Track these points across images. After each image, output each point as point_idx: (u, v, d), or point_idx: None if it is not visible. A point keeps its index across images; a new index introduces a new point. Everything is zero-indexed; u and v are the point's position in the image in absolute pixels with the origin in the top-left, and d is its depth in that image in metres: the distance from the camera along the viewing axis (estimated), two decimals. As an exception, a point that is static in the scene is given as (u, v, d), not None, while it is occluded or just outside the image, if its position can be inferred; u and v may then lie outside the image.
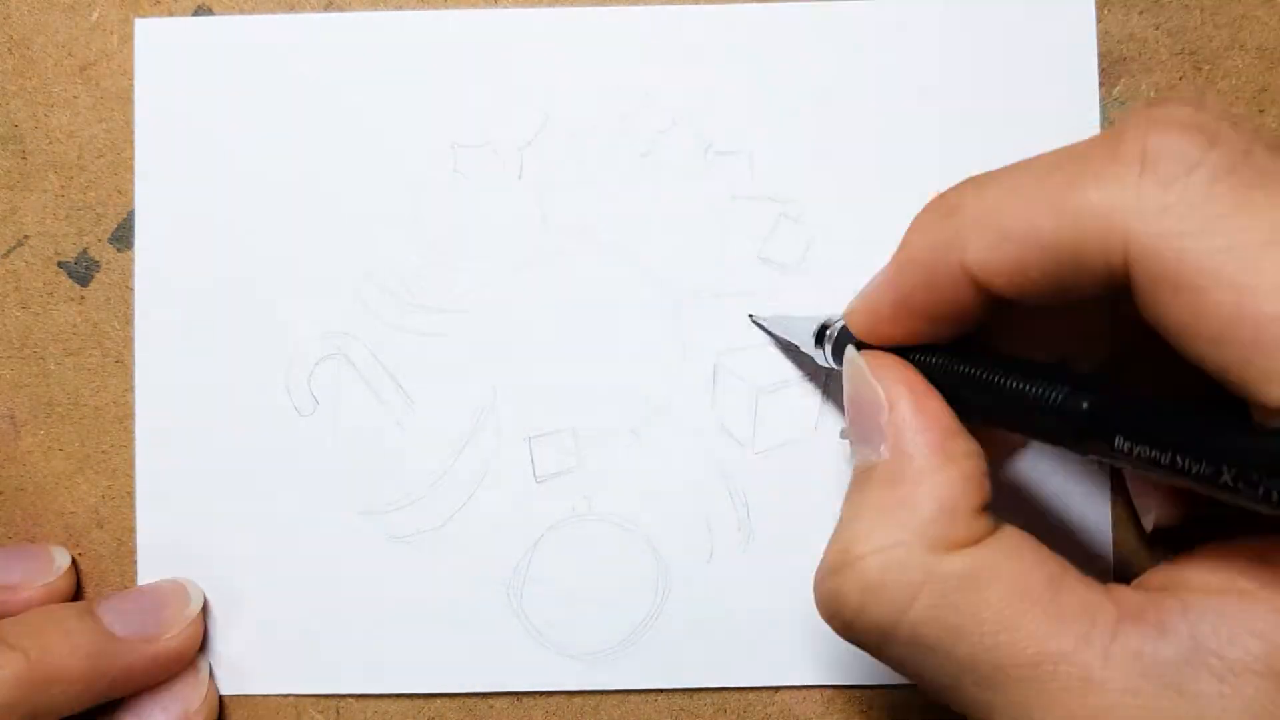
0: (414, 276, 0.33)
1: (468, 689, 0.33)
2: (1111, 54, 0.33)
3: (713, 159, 0.33)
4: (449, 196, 0.33)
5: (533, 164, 0.33)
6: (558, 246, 0.33)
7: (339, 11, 0.33)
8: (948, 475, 0.22)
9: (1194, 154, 0.19)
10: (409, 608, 0.32)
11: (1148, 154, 0.19)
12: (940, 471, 0.22)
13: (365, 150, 0.33)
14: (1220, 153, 0.18)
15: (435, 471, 0.33)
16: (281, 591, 0.32)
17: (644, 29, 0.33)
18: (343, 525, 0.32)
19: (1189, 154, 0.19)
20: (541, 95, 0.33)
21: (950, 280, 0.22)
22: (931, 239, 0.23)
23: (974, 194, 0.22)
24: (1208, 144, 0.19)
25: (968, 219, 0.22)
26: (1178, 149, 0.19)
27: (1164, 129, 0.19)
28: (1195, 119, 0.19)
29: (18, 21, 0.33)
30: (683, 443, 0.33)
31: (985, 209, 0.21)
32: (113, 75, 0.33)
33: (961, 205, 0.22)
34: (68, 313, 0.33)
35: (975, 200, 0.22)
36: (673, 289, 0.33)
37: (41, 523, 0.33)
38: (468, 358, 0.33)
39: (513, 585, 0.32)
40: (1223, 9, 0.33)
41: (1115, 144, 0.20)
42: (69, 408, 0.33)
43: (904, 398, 0.24)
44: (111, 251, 0.33)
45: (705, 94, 0.33)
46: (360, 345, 0.33)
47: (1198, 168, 0.18)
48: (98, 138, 0.33)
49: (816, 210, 0.33)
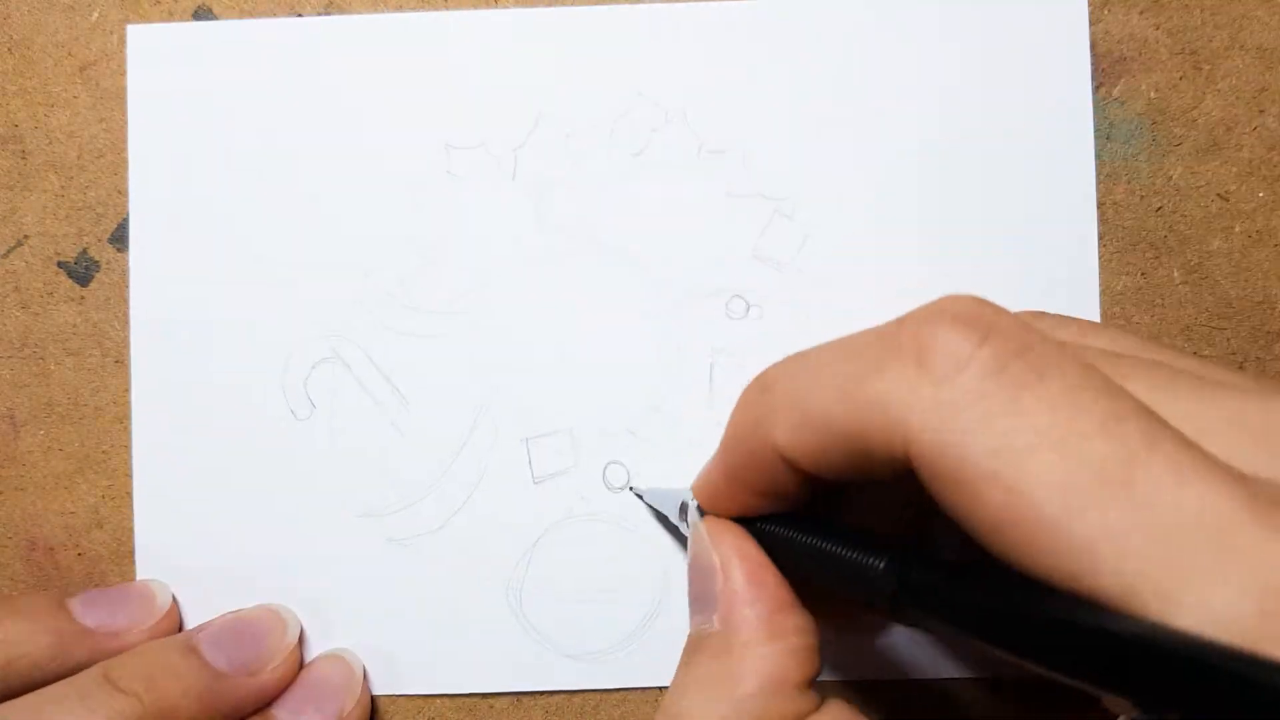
0: (409, 278, 0.33)
1: (468, 689, 0.33)
2: (1111, 54, 0.33)
3: (706, 157, 0.33)
4: (443, 198, 0.33)
5: (526, 164, 0.33)
6: (552, 247, 0.33)
7: (333, 14, 0.33)
8: (773, 650, 0.23)
9: (965, 350, 0.18)
10: (408, 609, 0.32)
11: (922, 349, 0.19)
12: (766, 646, 0.23)
13: (359, 152, 0.33)
14: (992, 350, 0.18)
15: (433, 473, 0.33)
16: (281, 595, 0.32)
17: (636, 28, 0.33)
18: (341, 528, 0.33)
19: (961, 350, 0.18)
20: (534, 95, 0.33)
21: (767, 458, 0.22)
22: (749, 417, 0.23)
23: (786, 375, 0.22)
24: (980, 340, 0.18)
25: (778, 400, 0.22)
26: (950, 345, 0.19)
27: (939, 323, 0.19)
28: (972, 312, 0.19)
29: (18, 21, 0.33)
30: (680, 442, 0.33)
31: (792, 391, 0.22)
32: (112, 75, 0.33)
33: (774, 385, 0.22)
34: (68, 313, 0.33)
35: (785, 381, 0.22)
36: (668, 288, 0.33)
37: (41, 523, 0.33)
38: (464, 359, 0.33)
39: (512, 585, 0.32)
40: (1223, 9, 0.33)
41: (895, 336, 0.20)
42: (69, 408, 0.33)
43: (738, 568, 0.24)
44: (111, 251, 0.33)
45: (698, 92, 0.33)
46: (356, 347, 0.33)
47: (969, 365, 0.18)
48: (98, 138, 0.33)
49: (810, 207, 0.33)
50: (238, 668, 0.30)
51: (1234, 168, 0.33)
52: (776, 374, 0.23)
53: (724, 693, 0.22)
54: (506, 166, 0.33)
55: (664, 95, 0.33)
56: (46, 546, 0.33)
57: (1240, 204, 0.33)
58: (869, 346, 0.20)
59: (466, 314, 0.33)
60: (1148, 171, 0.33)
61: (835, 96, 0.33)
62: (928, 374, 0.19)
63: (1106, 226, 0.33)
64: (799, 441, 0.21)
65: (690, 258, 0.33)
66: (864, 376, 0.20)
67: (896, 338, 0.20)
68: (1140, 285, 0.33)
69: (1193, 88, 0.33)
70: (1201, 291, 0.33)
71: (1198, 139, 0.33)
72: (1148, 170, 0.33)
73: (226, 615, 0.32)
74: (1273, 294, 0.33)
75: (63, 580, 0.33)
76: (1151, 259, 0.33)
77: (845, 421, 0.20)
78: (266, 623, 0.31)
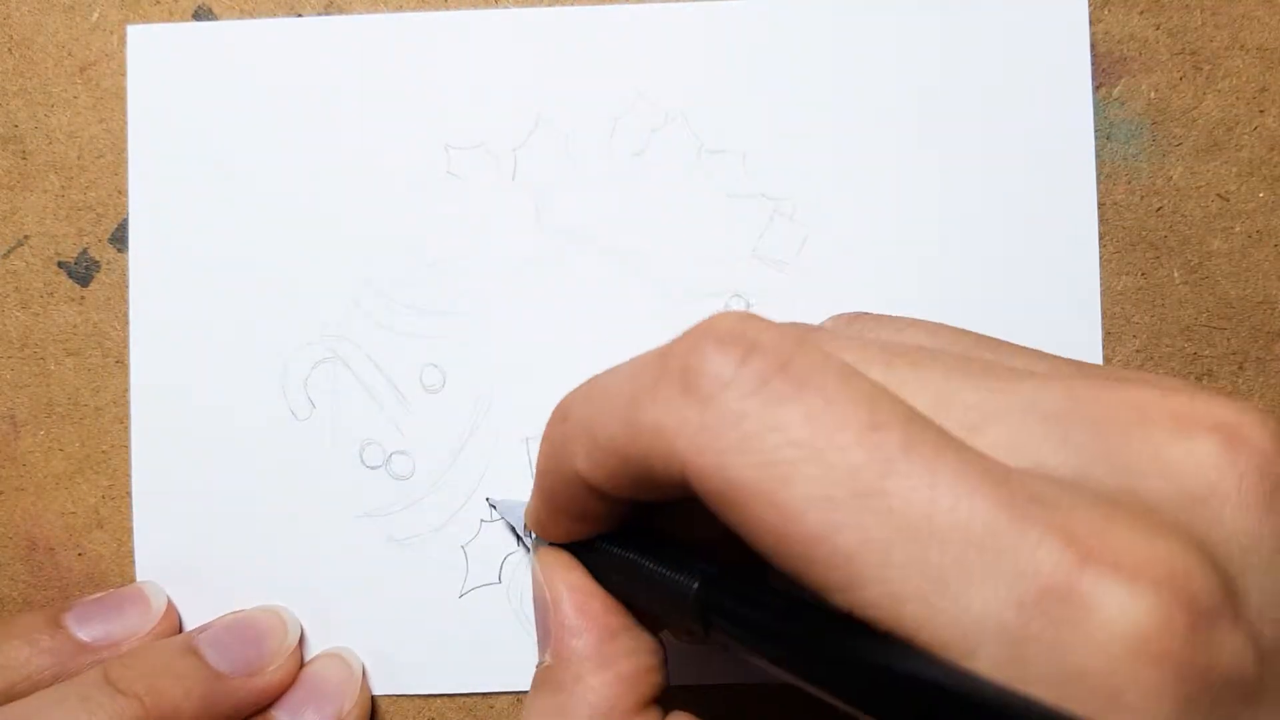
0: (409, 279, 0.33)
1: (468, 689, 0.33)
2: (1111, 54, 0.33)
3: (706, 157, 0.33)
4: (443, 199, 0.33)
5: (526, 164, 0.33)
6: (552, 247, 0.33)
7: (333, 14, 0.33)
8: (602, 679, 0.23)
9: (728, 371, 0.18)
10: (409, 609, 0.32)
11: (686, 371, 0.19)
12: (595, 675, 0.23)
13: (358, 153, 0.33)
14: (752, 368, 0.18)
15: (433, 473, 0.33)
16: (281, 594, 0.32)
17: (636, 28, 0.33)
18: (341, 528, 0.33)
19: (722, 371, 0.18)
20: (534, 96, 0.33)
21: (573, 485, 0.22)
22: (552, 447, 0.23)
23: (579, 402, 0.22)
24: (740, 358, 0.18)
25: (572, 428, 0.22)
26: (712, 366, 0.19)
27: (702, 344, 0.19)
28: (736, 329, 0.19)
29: (18, 21, 0.33)
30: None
31: (583, 419, 0.22)
32: (112, 76, 0.33)
33: (570, 413, 0.22)
34: (68, 313, 0.33)
35: (578, 409, 0.22)
36: (668, 288, 0.33)
37: (41, 523, 0.33)
38: (464, 359, 0.33)
39: (512, 585, 0.32)
40: (1223, 9, 0.33)
41: (664, 359, 0.20)
42: (69, 408, 0.33)
43: (565, 599, 0.24)
44: (111, 252, 0.33)
45: (698, 92, 0.33)
46: (356, 348, 0.33)
47: (729, 385, 0.18)
48: (98, 138, 0.33)
49: (810, 207, 0.33)
50: (238, 669, 0.30)
51: (1234, 168, 0.33)
52: (572, 401, 0.23)
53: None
54: (506, 166, 0.33)
55: (664, 95, 0.33)
56: (46, 546, 0.33)
57: (1240, 204, 0.33)
58: (647, 370, 0.20)
59: (466, 314, 0.33)
60: (1148, 171, 0.33)
61: (835, 96, 0.33)
62: (693, 396, 0.19)
63: (1106, 226, 0.33)
64: (595, 468, 0.21)
65: (690, 258, 0.33)
66: (640, 402, 0.20)
67: (666, 360, 0.20)
68: (1140, 285, 0.33)
69: (1193, 88, 0.33)
70: (1201, 291, 0.33)
71: (1198, 139, 0.33)
72: (1148, 170, 0.33)
73: (226, 616, 0.32)
74: (1273, 294, 0.33)
75: (62, 581, 0.33)
76: (1151, 259, 0.33)
77: (629, 448, 0.20)
78: (266, 624, 0.31)
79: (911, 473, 0.17)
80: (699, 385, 0.19)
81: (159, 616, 0.31)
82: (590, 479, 0.22)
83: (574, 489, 0.22)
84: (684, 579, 0.21)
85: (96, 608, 0.31)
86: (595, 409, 0.21)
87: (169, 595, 0.32)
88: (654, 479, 0.20)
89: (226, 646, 0.30)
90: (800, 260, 0.33)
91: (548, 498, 0.24)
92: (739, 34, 0.33)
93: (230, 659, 0.30)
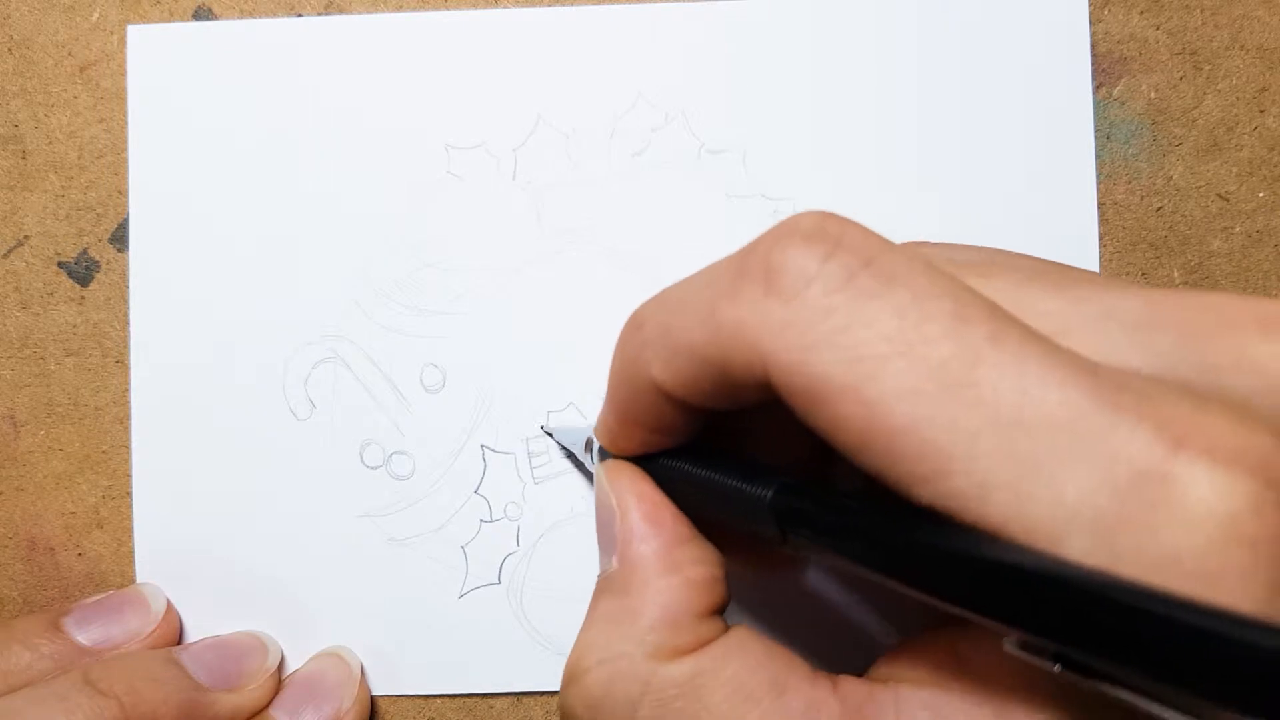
0: (409, 278, 0.33)
1: (468, 689, 0.33)
2: (1111, 54, 0.33)
3: (705, 158, 0.33)
4: (443, 198, 0.33)
5: (526, 164, 0.33)
6: (552, 247, 0.33)
7: (333, 14, 0.33)
8: (669, 583, 0.23)
9: (812, 266, 0.18)
10: (409, 609, 0.32)
11: (770, 269, 0.19)
12: (663, 579, 0.23)
13: (359, 152, 0.33)
14: (838, 263, 0.18)
15: (433, 473, 0.33)
16: (281, 594, 0.32)
17: (636, 28, 0.33)
18: (341, 528, 0.33)
19: (807, 267, 0.18)
20: (534, 96, 0.33)
21: (648, 394, 0.22)
22: (626, 356, 0.23)
23: (654, 309, 0.22)
24: (825, 255, 0.18)
25: (649, 335, 0.22)
26: (796, 263, 0.19)
27: (786, 242, 0.19)
28: (818, 227, 0.19)
29: (18, 21, 0.33)
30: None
31: (660, 325, 0.22)
32: (112, 76, 0.33)
33: (644, 321, 0.22)
34: (68, 313, 0.33)
35: (654, 316, 0.22)
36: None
37: (41, 523, 0.33)
38: (464, 359, 0.33)
39: (513, 585, 0.32)
40: (1223, 9, 0.33)
41: (745, 259, 0.20)
42: (69, 408, 0.33)
43: (634, 507, 0.24)
44: (111, 252, 0.33)
45: (698, 92, 0.33)
46: (356, 348, 0.33)
47: (815, 280, 0.18)
48: (98, 138, 0.33)
49: (810, 207, 0.32)
50: (217, 682, 0.30)
51: (1234, 168, 0.33)
52: (648, 309, 0.23)
53: (625, 628, 0.22)
54: (506, 166, 0.33)
55: (664, 95, 0.33)
56: (46, 546, 0.33)
57: (1240, 204, 0.33)
58: (725, 272, 0.20)
59: (466, 314, 0.33)
60: (1148, 171, 0.33)
61: (835, 96, 0.33)
62: (777, 293, 0.19)
63: (1106, 226, 0.33)
64: (672, 374, 0.21)
65: (690, 258, 0.33)
66: (720, 303, 0.20)
67: (748, 259, 0.20)
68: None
69: (1193, 88, 0.33)
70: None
71: (1198, 139, 0.33)
72: (1148, 170, 0.33)
73: (209, 637, 0.32)
74: (1273, 294, 0.33)
75: (62, 581, 0.33)
76: (1151, 259, 0.33)
77: (708, 349, 0.20)
78: (247, 645, 0.31)
79: (1000, 362, 0.17)
80: (783, 282, 0.19)
81: (158, 619, 0.31)
82: (667, 386, 0.22)
83: (649, 398, 0.22)
84: (758, 489, 0.22)
85: (96, 611, 0.31)
86: (672, 314, 0.21)
87: (169, 596, 0.32)
88: (734, 381, 0.20)
89: (207, 661, 0.30)
90: (800, 260, 0.33)
91: (620, 409, 0.24)
92: (739, 34, 0.33)
93: (210, 672, 0.30)
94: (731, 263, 0.20)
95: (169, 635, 0.32)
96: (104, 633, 0.30)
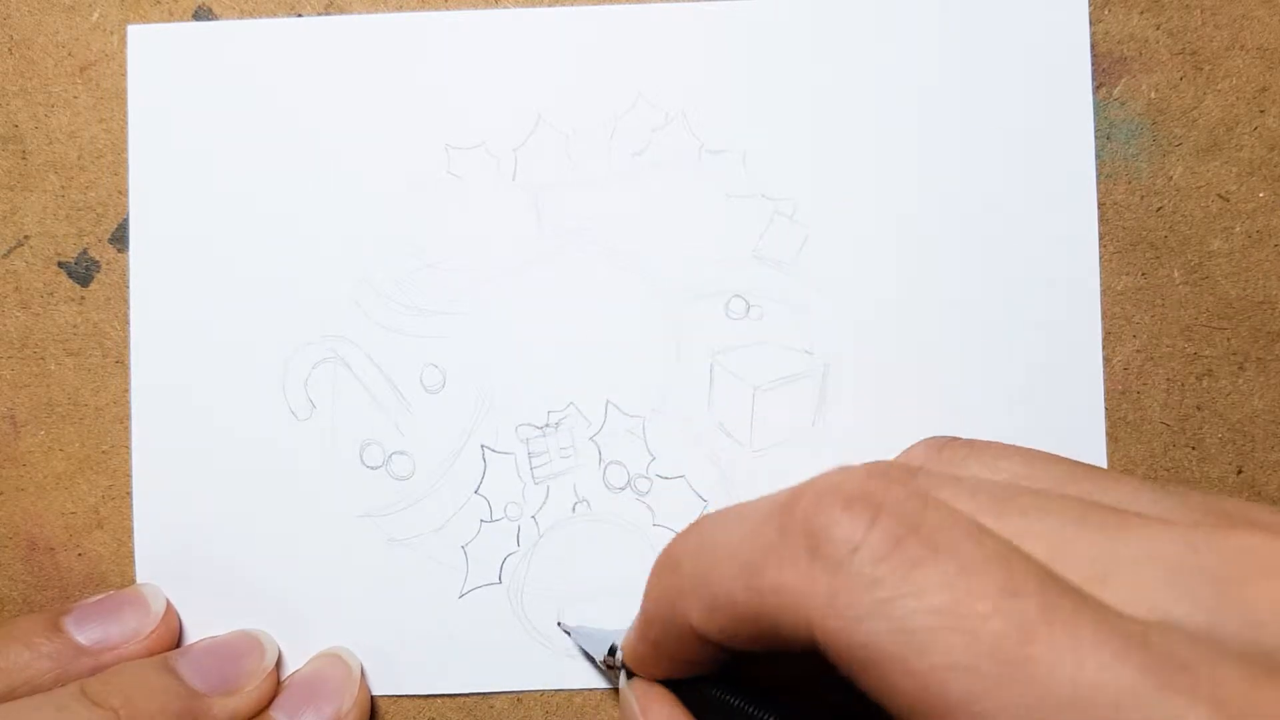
0: (409, 278, 0.33)
1: (468, 689, 0.33)
2: (1111, 54, 0.33)
3: (706, 158, 0.33)
4: (443, 198, 0.33)
5: (526, 165, 0.33)
6: (552, 247, 0.33)
7: (333, 14, 0.33)
8: None
9: (856, 535, 0.18)
10: (409, 609, 0.32)
11: (812, 535, 0.19)
12: None
13: (359, 153, 0.33)
14: (883, 529, 0.18)
15: (433, 473, 0.33)
16: (281, 594, 0.32)
17: (636, 28, 0.33)
18: (341, 528, 0.33)
19: (851, 535, 0.18)
20: (534, 96, 0.33)
21: (685, 634, 0.22)
22: (662, 597, 0.23)
23: (691, 555, 0.22)
24: (870, 521, 0.18)
25: (686, 582, 0.22)
26: (841, 530, 0.19)
27: (829, 504, 0.19)
28: (862, 490, 0.19)
29: (18, 21, 0.33)
30: (680, 442, 0.33)
31: (698, 574, 0.22)
32: (113, 76, 0.33)
33: (682, 565, 0.22)
34: (68, 313, 0.33)
35: (692, 561, 0.22)
36: (668, 288, 0.33)
37: (41, 523, 0.33)
38: (464, 359, 0.33)
39: (513, 585, 0.32)
40: (1223, 9, 0.33)
41: (787, 518, 0.20)
42: (69, 408, 0.33)
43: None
44: (111, 251, 0.33)
45: (698, 92, 0.33)
46: (356, 348, 0.33)
47: (861, 549, 0.18)
48: (98, 138, 0.33)
49: (810, 207, 0.33)
50: (214, 687, 0.30)
51: (1234, 168, 0.33)
52: (682, 551, 0.23)
53: None
54: (506, 167, 0.33)
55: (664, 95, 0.33)
56: (46, 546, 0.33)
57: (1240, 204, 0.33)
58: (765, 525, 0.20)
59: (466, 314, 0.33)
60: (1148, 171, 0.33)
61: (835, 96, 0.33)
62: (820, 561, 0.19)
63: (1106, 226, 0.33)
64: (711, 625, 0.21)
65: (690, 258, 0.33)
66: (762, 566, 0.20)
67: (789, 519, 0.20)
68: (1140, 285, 0.33)
69: (1193, 88, 0.33)
70: (1201, 291, 0.33)
71: (1198, 139, 0.33)
72: (1148, 170, 0.33)
73: (204, 640, 0.32)
74: (1273, 294, 0.33)
75: (62, 581, 0.33)
76: (1151, 259, 0.33)
77: (750, 608, 0.20)
78: (244, 646, 0.31)
79: (1053, 640, 0.17)
80: (827, 549, 0.19)
81: (158, 620, 0.31)
82: (704, 632, 0.22)
83: (685, 638, 0.22)
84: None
85: (96, 611, 0.31)
86: (710, 565, 0.21)
87: (169, 596, 0.32)
88: (778, 639, 0.20)
89: (202, 665, 0.30)
90: (800, 260, 0.33)
91: (654, 643, 0.24)
92: (739, 34, 0.33)
93: (207, 677, 0.30)
94: (772, 518, 0.20)
95: (168, 636, 0.32)
96: (103, 633, 0.30)
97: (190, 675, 0.30)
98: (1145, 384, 0.33)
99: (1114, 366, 0.33)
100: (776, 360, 0.33)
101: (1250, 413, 0.33)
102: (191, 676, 0.30)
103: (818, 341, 0.33)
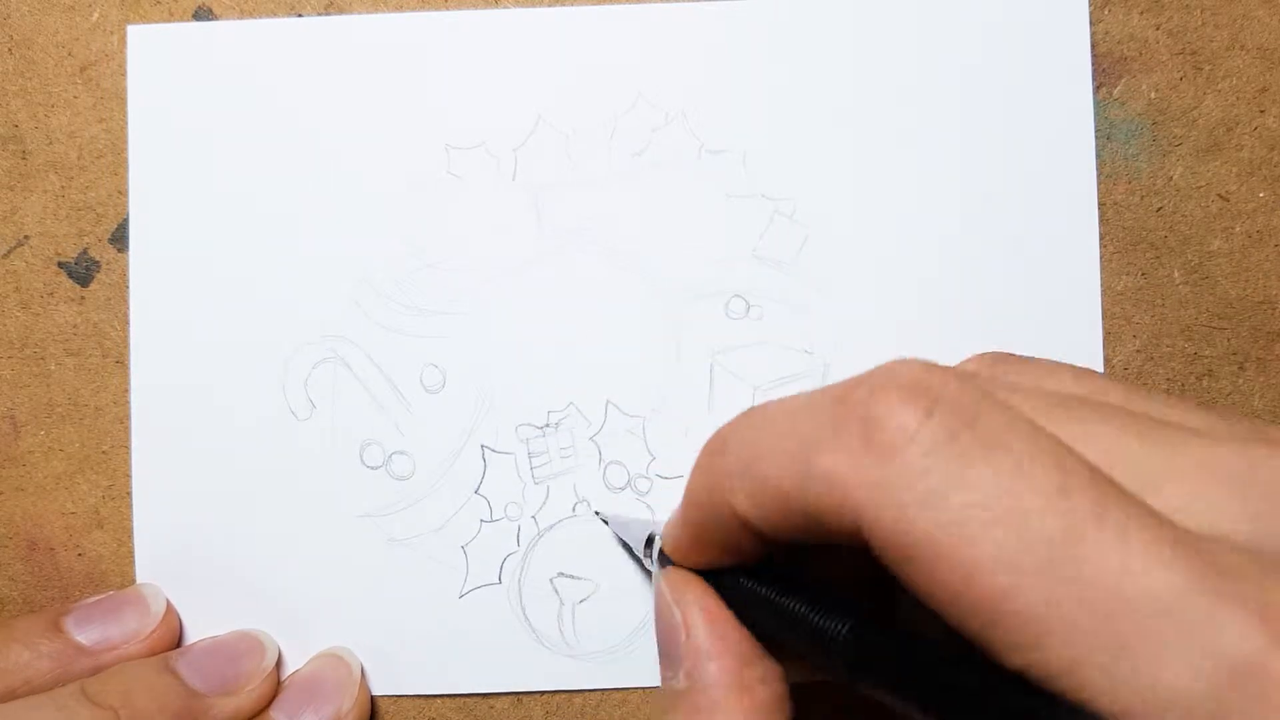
0: (409, 278, 0.33)
1: (468, 689, 0.33)
2: (1111, 54, 0.33)
3: (706, 158, 0.33)
4: (443, 198, 0.33)
5: (526, 165, 0.33)
6: (553, 247, 0.33)
7: (333, 14, 0.33)
8: (742, 705, 0.23)
9: (911, 424, 0.18)
10: (409, 609, 0.32)
11: (867, 422, 0.19)
12: (734, 699, 0.23)
13: (359, 153, 0.33)
14: (939, 421, 0.18)
15: (433, 473, 0.33)
16: (281, 594, 0.32)
17: (636, 28, 0.33)
18: (342, 528, 0.33)
19: (906, 424, 0.18)
20: (534, 96, 0.33)
21: (727, 519, 0.22)
22: (707, 480, 0.23)
23: (739, 438, 0.22)
24: (926, 412, 0.18)
25: (732, 465, 0.22)
26: (896, 419, 0.18)
27: (884, 394, 0.19)
28: (919, 381, 0.19)
29: (18, 21, 0.33)
30: (680, 442, 0.33)
31: (746, 457, 0.21)
32: (113, 76, 0.33)
33: (729, 448, 0.22)
34: (68, 313, 0.33)
35: (738, 445, 0.22)
36: (668, 288, 0.33)
37: (41, 523, 0.33)
38: (464, 360, 0.33)
39: (512, 585, 0.32)
40: (1223, 9, 0.33)
41: (840, 408, 0.19)
42: (69, 408, 0.33)
43: (700, 623, 0.24)
44: (111, 252, 0.33)
45: (698, 92, 0.33)
46: (356, 348, 0.33)
47: (915, 438, 0.18)
48: (98, 138, 0.33)
49: (810, 207, 0.33)
50: (214, 687, 0.30)
51: (1234, 168, 0.33)
52: (731, 435, 0.22)
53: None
54: (506, 166, 0.33)
55: (664, 95, 0.33)
56: (47, 546, 0.33)
57: (1240, 204, 0.33)
58: (819, 413, 0.20)
59: (466, 314, 0.33)
60: (1148, 171, 0.33)
61: (835, 96, 0.33)
62: (874, 449, 0.18)
63: (1106, 226, 0.33)
64: (756, 509, 0.21)
65: (690, 258, 0.33)
66: (812, 450, 0.19)
67: (844, 407, 0.19)
68: (1140, 285, 0.33)
69: (1193, 88, 0.33)
70: (1202, 291, 0.33)
71: (1198, 139, 0.33)
72: (1148, 170, 0.33)
73: (204, 640, 0.32)
74: (1273, 294, 0.33)
75: (62, 581, 0.33)
76: (1152, 259, 0.33)
77: (797, 495, 0.20)
78: (244, 646, 0.31)
79: (1103, 540, 0.16)
80: (882, 438, 0.18)
81: (158, 620, 0.31)
82: (748, 519, 0.21)
83: (727, 524, 0.22)
84: (832, 624, 0.21)
85: (96, 611, 0.31)
86: (760, 448, 0.21)
87: (169, 596, 0.32)
88: (823, 527, 0.20)
89: (202, 666, 0.30)
90: (800, 260, 0.33)
91: (695, 528, 0.24)
92: (739, 34, 0.33)
93: (206, 678, 0.30)
94: (824, 404, 0.20)
95: (168, 636, 0.32)
96: (103, 633, 0.30)
97: (190, 675, 0.30)
98: (1145, 384, 0.33)
99: (1114, 366, 0.33)
100: (776, 360, 0.33)
101: (1250, 413, 0.33)
102: (191, 677, 0.30)
103: (818, 341, 0.33)
